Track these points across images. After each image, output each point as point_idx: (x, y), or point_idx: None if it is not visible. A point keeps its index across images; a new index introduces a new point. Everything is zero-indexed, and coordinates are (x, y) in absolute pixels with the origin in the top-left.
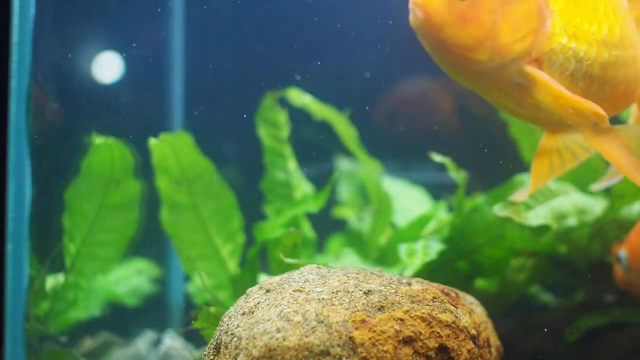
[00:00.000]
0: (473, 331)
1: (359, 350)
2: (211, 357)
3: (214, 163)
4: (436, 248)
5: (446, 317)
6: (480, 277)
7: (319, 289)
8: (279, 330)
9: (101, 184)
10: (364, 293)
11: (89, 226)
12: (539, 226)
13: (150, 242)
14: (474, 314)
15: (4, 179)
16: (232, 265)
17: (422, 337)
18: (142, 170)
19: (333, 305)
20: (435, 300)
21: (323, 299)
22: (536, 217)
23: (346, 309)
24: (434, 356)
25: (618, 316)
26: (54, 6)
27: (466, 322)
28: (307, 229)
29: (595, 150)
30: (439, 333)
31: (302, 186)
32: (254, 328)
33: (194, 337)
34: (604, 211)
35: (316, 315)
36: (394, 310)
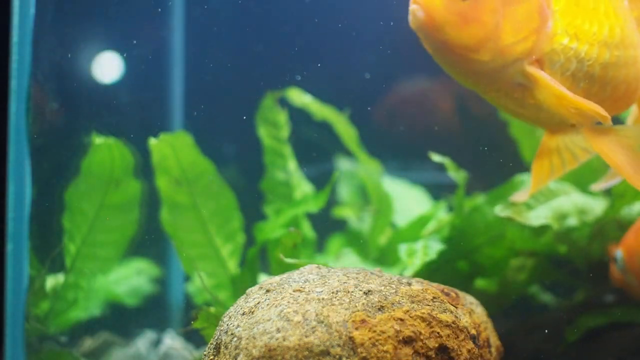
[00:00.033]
0: (473, 331)
1: (359, 350)
2: (211, 357)
3: (214, 163)
4: (436, 248)
5: (446, 317)
6: (480, 277)
7: (319, 289)
8: (279, 330)
9: (101, 184)
10: (364, 293)
11: (89, 226)
12: (540, 226)
13: (150, 242)
14: (474, 314)
15: (4, 179)
16: (232, 265)
17: (422, 337)
18: (142, 170)
19: (333, 305)
20: (435, 300)
21: (323, 299)
22: (537, 217)
23: (346, 309)
24: (434, 356)
25: (618, 316)
26: (54, 6)
27: (466, 322)
28: (307, 229)
29: (595, 152)
30: (439, 333)
31: (302, 186)
32: (254, 328)
33: (194, 337)
34: (604, 211)
35: (316, 315)
36: (394, 310)
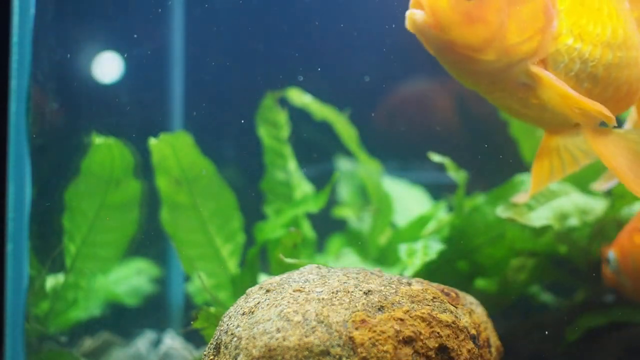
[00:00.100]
0: (473, 331)
1: (359, 350)
2: (211, 357)
3: (214, 163)
4: (436, 248)
5: (446, 317)
6: (480, 277)
7: (319, 289)
8: (279, 330)
9: (101, 184)
10: (364, 293)
11: (89, 226)
12: (541, 227)
13: (150, 242)
14: (474, 314)
15: (4, 179)
16: (232, 265)
17: (422, 337)
18: (142, 170)
19: (333, 305)
20: (435, 300)
21: (323, 299)
22: (538, 217)
23: (346, 309)
24: (434, 356)
25: (618, 316)
26: (54, 6)
27: (466, 322)
28: (307, 229)
29: (595, 155)
30: (439, 333)
31: (302, 186)
32: (254, 328)
33: (194, 337)
34: (604, 211)
35: (316, 315)
36: (394, 310)
